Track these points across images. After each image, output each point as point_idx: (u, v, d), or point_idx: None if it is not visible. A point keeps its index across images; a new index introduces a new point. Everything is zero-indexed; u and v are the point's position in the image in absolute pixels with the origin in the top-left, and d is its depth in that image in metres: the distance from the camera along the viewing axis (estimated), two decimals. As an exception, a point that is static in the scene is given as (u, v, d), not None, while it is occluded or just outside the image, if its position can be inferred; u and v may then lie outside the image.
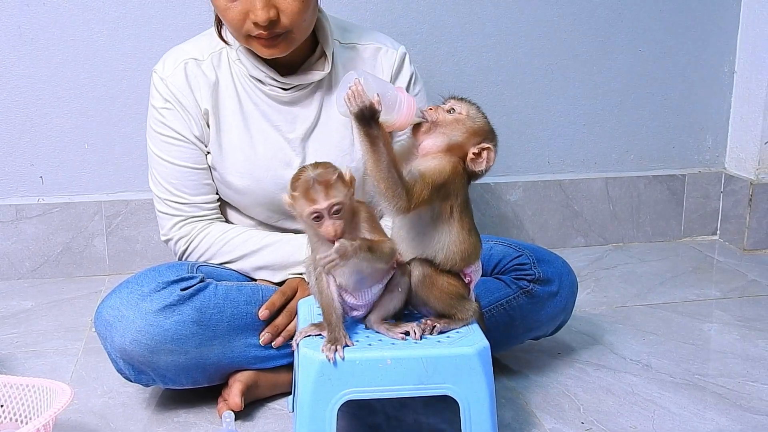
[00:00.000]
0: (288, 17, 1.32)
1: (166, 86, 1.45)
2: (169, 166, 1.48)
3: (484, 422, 1.18)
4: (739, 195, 2.40)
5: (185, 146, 1.47)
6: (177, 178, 1.48)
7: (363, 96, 1.09)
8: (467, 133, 1.18)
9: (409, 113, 1.16)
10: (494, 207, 2.32)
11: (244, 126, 1.46)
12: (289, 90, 1.46)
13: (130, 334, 1.31)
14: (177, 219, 1.50)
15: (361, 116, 1.09)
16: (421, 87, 1.57)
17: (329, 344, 1.15)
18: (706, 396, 1.52)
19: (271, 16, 1.30)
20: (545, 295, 1.51)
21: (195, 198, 1.49)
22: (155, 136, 1.48)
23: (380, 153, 1.10)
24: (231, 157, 1.47)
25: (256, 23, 1.31)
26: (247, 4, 1.30)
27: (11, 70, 2.02)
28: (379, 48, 1.52)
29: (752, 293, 2.06)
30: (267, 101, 1.46)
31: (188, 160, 1.47)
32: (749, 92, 2.37)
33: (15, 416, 1.28)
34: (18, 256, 2.11)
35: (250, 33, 1.33)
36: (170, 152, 1.47)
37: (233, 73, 1.47)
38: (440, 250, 1.19)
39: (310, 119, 1.48)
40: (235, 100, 1.46)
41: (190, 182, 1.48)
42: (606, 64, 2.33)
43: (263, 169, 1.46)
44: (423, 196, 1.13)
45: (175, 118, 1.46)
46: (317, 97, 1.48)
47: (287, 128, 1.47)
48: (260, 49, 1.37)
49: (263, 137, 1.47)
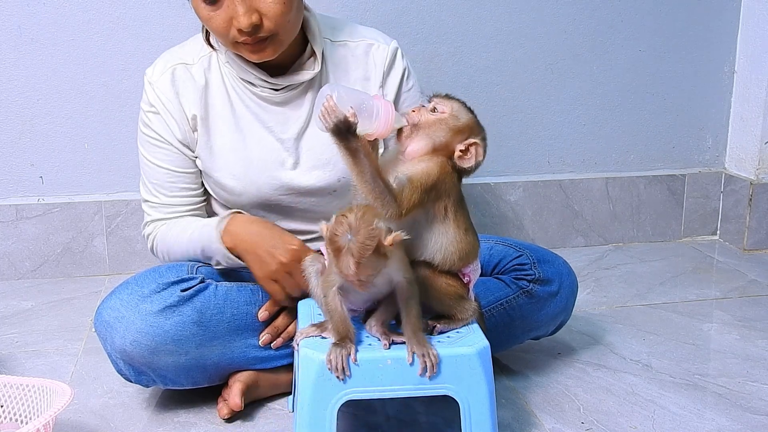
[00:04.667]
0: (271, 20, 1.30)
1: (153, 90, 1.46)
2: (152, 166, 1.49)
3: (484, 422, 1.18)
4: (739, 195, 2.40)
5: (167, 149, 1.47)
6: (157, 178, 1.49)
7: (336, 111, 1.10)
8: (451, 131, 1.18)
9: (388, 120, 1.15)
10: (494, 207, 2.32)
11: (236, 128, 1.46)
12: (280, 90, 1.45)
13: (130, 335, 1.31)
14: (149, 218, 1.52)
15: (338, 131, 1.10)
16: (414, 81, 1.56)
17: (338, 353, 1.14)
18: (706, 396, 1.52)
19: (254, 21, 1.28)
20: (545, 295, 1.51)
21: (170, 200, 1.50)
22: (141, 136, 1.50)
23: (362, 165, 1.10)
24: (224, 160, 1.46)
25: (240, 30, 1.30)
26: (230, 11, 1.29)
27: (11, 70, 2.02)
28: (371, 44, 1.51)
29: (752, 293, 2.06)
30: (258, 102, 1.46)
31: (169, 163, 1.48)
32: (749, 92, 2.37)
33: (15, 416, 1.28)
34: (18, 256, 2.11)
35: (236, 39, 1.33)
36: (153, 153, 1.48)
37: (223, 76, 1.46)
38: (438, 251, 1.19)
39: (302, 119, 1.47)
40: (226, 102, 1.46)
41: (168, 184, 1.49)
42: (606, 64, 2.33)
43: (257, 170, 1.46)
44: (413, 201, 1.13)
45: (159, 122, 1.46)
46: (308, 97, 1.47)
47: (280, 129, 1.46)
48: (248, 54, 1.36)
49: (256, 139, 1.46)
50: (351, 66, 1.50)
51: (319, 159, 1.47)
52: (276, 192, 1.47)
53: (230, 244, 1.40)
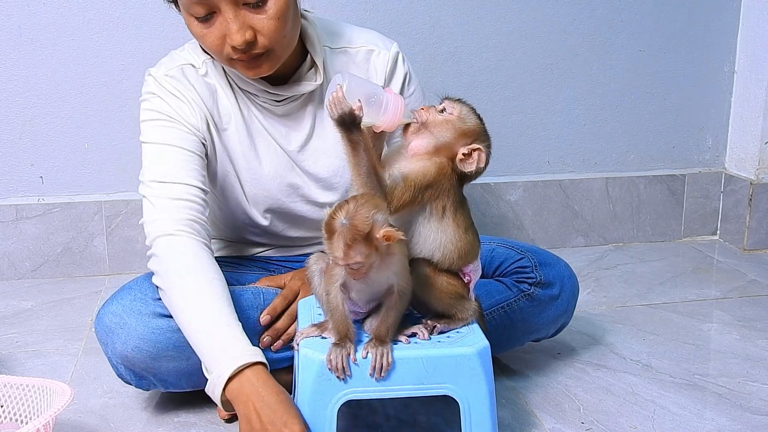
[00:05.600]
0: (266, 37, 1.27)
1: (159, 82, 1.39)
2: (163, 147, 1.36)
3: (484, 422, 1.18)
4: (739, 195, 2.40)
5: (177, 127, 1.37)
6: (169, 159, 1.35)
7: (343, 103, 1.10)
8: (456, 134, 1.18)
9: (396, 114, 1.16)
10: (494, 207, 2.32)
11: (247, 133, 1.43)
12: (282, 102, 1.42)
13: (132, 341, 1.31)
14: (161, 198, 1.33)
15: (342, 122, 1.11)
16: (416, 86, 1.55)
17: (337, 352, 1.14)
18: (706, 396, 1.52)
19: (248, 38, 1.25)
20: (546, 298, 1.51)
21: (185, 179, 1.35)
22: (146, 124, 1.39)
23: (360, 158, 1.12)
24: (235, 163, 1.44)
25: (234, 47, 1.26)
26: (223, 28, 1.26)
27: (11, 70, 2.02)
28: (371, 50, 1.49)
29: (752, 293, 2.06)
30: (262, 112, 1.43)
31: (181, 141, 1.36)
32: (749, 92, 2.37)
33: (15, 416, 1.28)
34: (18, 256, 2.11)
35: (230, 56, 1.29)
36: (163, 135, 1.37)
37: (230, 80, 1.42)
38: (437, 248, 1.19)
39: (305, 131, 1.45)
40: (235, 106, 1.42)
41: (181, 162, 1.35)
42: (606, 64, 2.33)
43: (268, 177, 1.44)
44: (404, 199, 1.14)
45: (165, 104, 1.38)
46: (310, 109, 1.45)
47: (284, 141, 1.45)
48: (244, 71, 1.32)
49: (265, 145, 1.44)
50: (352, 73, 1.48)
51: (326, 170, 1.47)
52: (288, 199, 1.47)
53: (230, 392, 1.21)
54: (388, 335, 1.15)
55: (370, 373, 1.13)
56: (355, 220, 1.06)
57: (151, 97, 1.40)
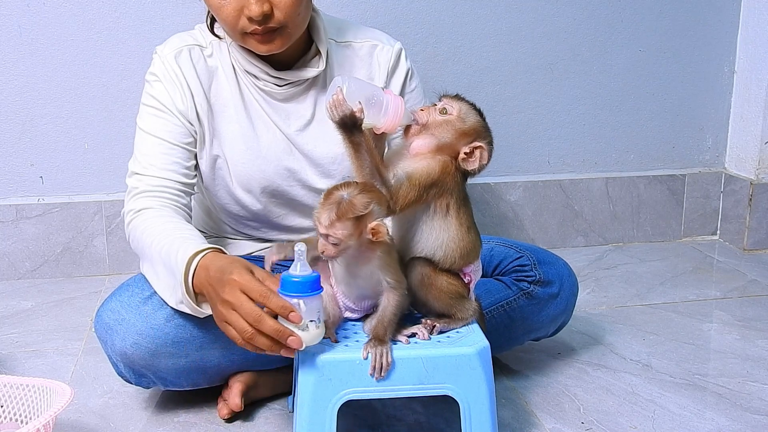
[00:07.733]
0: (282, 11, 1.31)
1: (161, 60, 1.44)
2: (148, 137, 1.43)
3: (484, 422, 1.18)
4: (739, 195, 2.40)
5: (165, 118, 1.42)
6: (150, 151, 1.42)
7: (343, 105, 1.11)
8: (457, 133, 1.18)
9: (396, 116, 1.16)
10: (494, 207, 2.32)
11: (246, 115, 1.46)
12: (284, 86, 1.45)
13: (131, 337, 1.31)
14: (134, 192, 1.41)
15: (343, 124, 1.12)
16: (417, 83, 1.57)
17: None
18: (706, 396, 1.52)
19: (265, 10, 1.29)
20: (546, 296, 1.51)
21: (162, 173, 1.40)
22: (142, 110, 1.45)
23: (363, 159, 1.13)
24: (233, 145, 1.46)
25: (250, 18, 1.30)
26: (241, 0, 1.30)
27: (11, 70, 2.02)
28: (375, 45, 1.52)
29: (752, 293, 2.06)
30: (263, 95, 1.46)
31: (166, 134, 1.42)
32: (749, 92, 2.37)
33: (15, 416, 1.28)
34: (18, 256, 2.11)
35: (245, 30, 1.33)
36: (152, 124, 1.43)
37: (233, 62, 1.46)
38: (438, 247, 1.19)
39: (306, 117, 1.47)
40: (235, 89, 1.46)
41: (161, 156, 1.42)
42: (606, 64, 2.33)
43: (266, 159, 1.46)
44: (409, 198, 1.14)
45: (162, 90, 1.43)
46: (311, 95, 1.47)
47: (283, 124, 1.47)
48: (256, 45, 1.36)
49: (264, 128, 1.46)
50: (355, 66, 1.50)
51: (324, 155, 1.47)
52: (284, 182, 1.48)
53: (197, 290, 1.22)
54: (387, 334, 1.15)
55: (370, 373, 1.14)
56: (356, 199, 1.09)
57: (152, 80, 1.45)
